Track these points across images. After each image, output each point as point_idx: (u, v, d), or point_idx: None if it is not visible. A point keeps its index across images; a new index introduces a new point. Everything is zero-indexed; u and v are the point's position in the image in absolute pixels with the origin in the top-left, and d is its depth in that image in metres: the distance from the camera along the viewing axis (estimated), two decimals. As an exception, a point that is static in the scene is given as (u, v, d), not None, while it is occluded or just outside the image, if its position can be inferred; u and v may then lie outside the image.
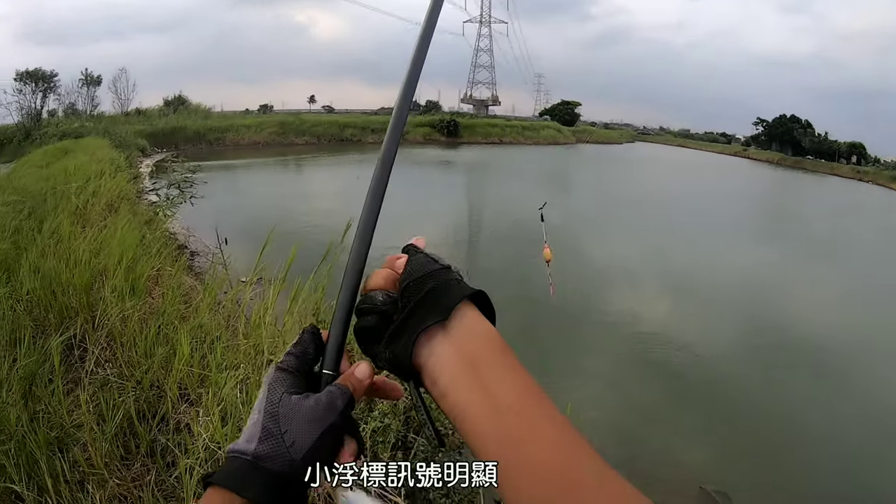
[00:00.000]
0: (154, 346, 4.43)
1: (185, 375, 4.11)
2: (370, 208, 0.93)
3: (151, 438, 3.64)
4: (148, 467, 3.48)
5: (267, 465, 0.73)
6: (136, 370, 4.19)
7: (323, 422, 0.76)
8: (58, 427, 3.45)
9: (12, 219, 8.05)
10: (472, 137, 62.68)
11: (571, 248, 17.27)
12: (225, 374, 3.88)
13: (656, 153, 69.80)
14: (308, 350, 0.83)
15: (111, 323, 4.84)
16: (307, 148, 46.66)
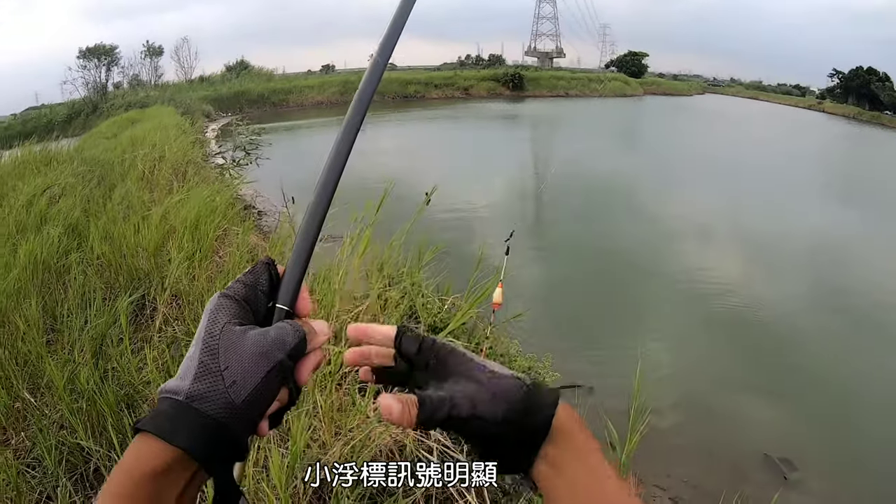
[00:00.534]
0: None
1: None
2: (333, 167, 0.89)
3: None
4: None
5: (201, 408, 0.64)
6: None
7: (270, 358, 0.67)
8: (127, 385, 3.43)
9: (82, 188, 8.22)
10: (536, 91, 61.71)
11: (640, 204, 16.87)
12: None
13: (727, 105, 67.25)
14: (260, 280, 0.75)
15: (178, 282, 4.84)
16: (371, 106, 46.67)
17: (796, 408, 7.04)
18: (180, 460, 0.62)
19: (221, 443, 0.64)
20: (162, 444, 0.61)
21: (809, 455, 6.09)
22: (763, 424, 6.60)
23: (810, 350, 8.45)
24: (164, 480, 0.61)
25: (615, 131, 37.32)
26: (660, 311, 9.88)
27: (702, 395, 7.16)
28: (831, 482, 5.79)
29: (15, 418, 3.33)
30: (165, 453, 0.61)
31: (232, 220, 7.19)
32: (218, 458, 0.64)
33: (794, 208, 17.55)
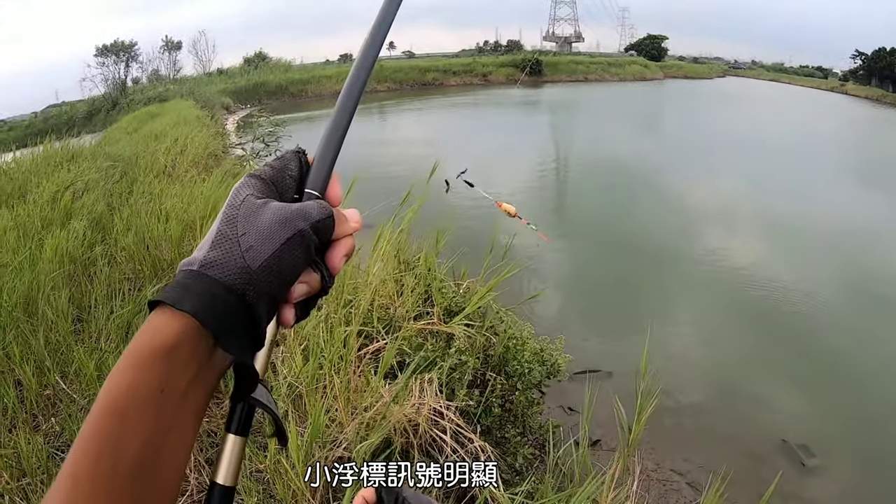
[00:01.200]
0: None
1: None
2: None
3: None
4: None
5: (214, 274, 0.60)
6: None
7: (290, 226, 0.63)
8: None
9: (105, 183, 8.37)
10: (555, 76, 61.28)
11: (661, 188, 16.78)
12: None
13: (748, 88, 66.07)
14: (289, 166, 0.72)
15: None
16: (389, 94, 46.54)
17: (817, 394, 6.98)
18: (191, 333, 0.58)
19: (234, 311, 0.59)
20: (171, 313, 0.57)
21: (829, 442, 6.05)
22: (782, 410, 6.57)
23: (834, 336, 8.34)
24: (176, 356, 0.57)
25: (635, 115, 36.96)
26: (681, 294, 9.85)
27: (722, 379, 7.15)
28: (851, 470, 5.75)
29: (45, 405, 3.45)
30: (175, 323, 0.57)
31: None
32: (232, 329, 0.59)
33: (819, 193, 17.25)
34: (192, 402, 0.59)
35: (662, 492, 5.10)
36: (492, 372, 4.24)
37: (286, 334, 3.98)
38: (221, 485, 0.62)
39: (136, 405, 0.55)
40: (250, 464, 2.90)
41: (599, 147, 23.33)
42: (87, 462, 0.53)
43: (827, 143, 27.88)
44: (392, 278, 4.57)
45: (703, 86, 65.52)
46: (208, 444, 3.28)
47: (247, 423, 0.66)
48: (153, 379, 0.56)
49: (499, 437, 4.06)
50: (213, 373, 0.61)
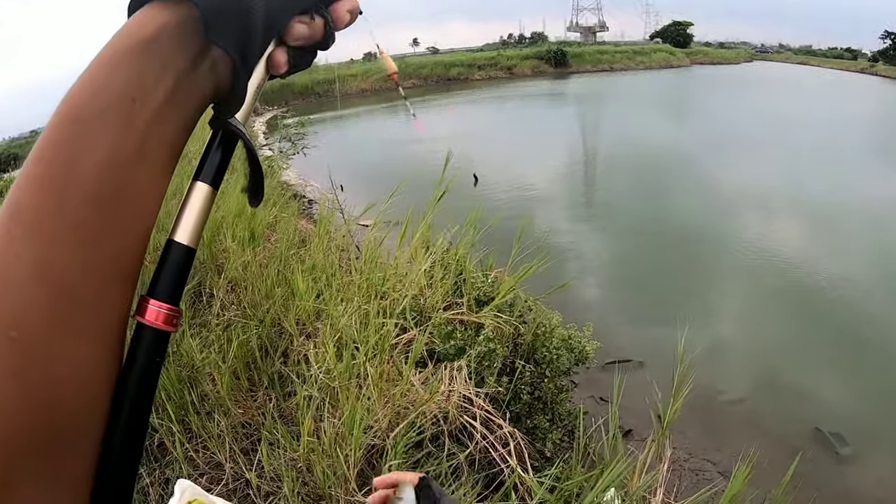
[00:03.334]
0: (273, 287, 4.58)
1: (302, 311, 4.24)
2: None
3: (273, 371, 3.79)
4: (270, 397, 3.63)
5: None
6: (259, 310, 4.35)
7: None
8: (188, 367, 3.64)
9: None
10: (580, 66, 61.05)
11: (692, 175, 16.62)
12: (340, 308, 3.96)
13: (777, 72, 64.86)
14: None
15: (233, 270, 5.05)
16: (415, 91, 46.55)
17: (852, 382, 6.89)
18: (175, 26, 0.51)
19: (231, 9, 0.52)
20: (155, 7, 0.51)
21: (863, 430, 5.99)
22: (817, 398, 6.50)
23: (873, 323, 8.17)
24: (153, 53, 0.50)
25: (663, 104, 36.62)
26: (716, 281, 9.77)
27: (758, 367, 7.08)
28: (886, 459, 5.68)
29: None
30: (158, 15, 0.50)
31: (282, 209, 7.41)
32: (224, 24, 0.52)
33: (855, 177, 16.89)
34: (166, 126, 0.52)
35: (694, 481, 5.09)
36: (521, 360, 4.28)
37: (318, 327, 4.06)
38: (181, 244, 0.56)
39: (102, 112, 0.48)
40: (284, 452, 2.98)
41: (629, 137, 23.17)
42: (39, 168, 0.47)
43: (860, 126, 27.33)
44: (422, 270, 4.63)
45: (731, 71, 64.62)
46: (243, 435, 3.37)
47: (220, 171, 0.59)
48: (123, 82, 0.49)
49: (528, 424, 4.10)
50: (194, 92, 0.53)
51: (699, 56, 75.70)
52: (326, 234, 6.01)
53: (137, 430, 0.52)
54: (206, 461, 3.19)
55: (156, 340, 0.53)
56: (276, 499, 2.88)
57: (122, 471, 0.52)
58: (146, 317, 0.52)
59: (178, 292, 0.55)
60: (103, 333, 0.49)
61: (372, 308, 3.84)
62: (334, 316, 3.87)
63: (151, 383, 0.53)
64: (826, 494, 5.01)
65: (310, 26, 0.59)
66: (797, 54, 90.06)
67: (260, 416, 3.45)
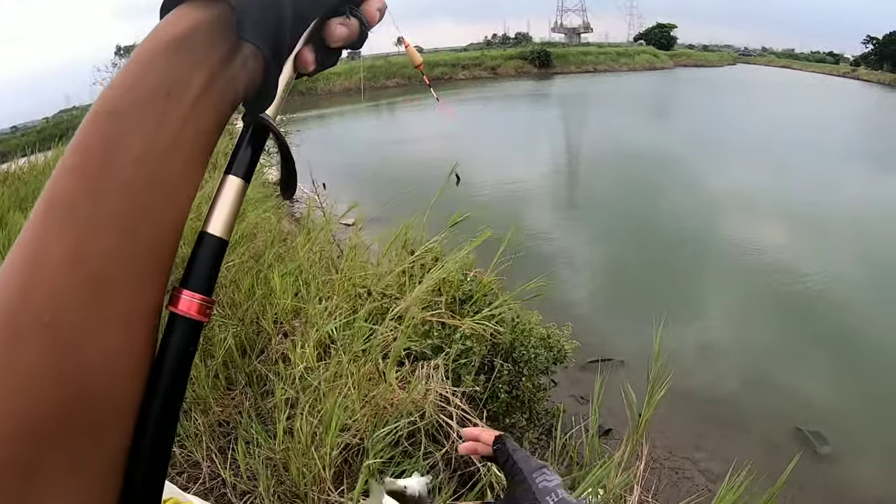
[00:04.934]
0: (253, 286, 4.57)
1: (281, 310, 4.23)
2: None
3: (251, 370, 3.79)
4: (248, 395, 3.63)
5: None
6: (238, 310, 4.35)
7: None
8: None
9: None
10: (564, 67, 61.25)
11: (675, 177, 16.73)
12: (320, 306, 3.97)
13: (760, 75, 65.56)
14: None
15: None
16: (398, 90, 46.45)
17: (833, 382, 7.01)
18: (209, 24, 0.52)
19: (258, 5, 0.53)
20: (189, 6, 0.52)
21: (842, 430, 6.09)
22: (796, 398, 6.59)
23: (851, 325, 8.31)
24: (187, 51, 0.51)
25: (646, 106, 36.84)
26: (697, 280, 9.87)
27: (739, 367, 7.16)
28: (863, 457, 5.80)
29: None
30: (192, 14, 0.52)
31: (265, 208, 7.38)
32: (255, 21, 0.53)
33: (836, 178, 17.11)
34: (200, 120, 0.53)
35: (674, 479, 5.15)
36: (499, 359, 4.30)
37: (296, 326, 4.06)
38: (214, 235, 0.57)
39: (137, 106, 0.49)
40: (260, 450, 2.98)
41: (612, 138, 23.29)
42: (76, 159, 0.48)
43: (842, 129, 27.58)
44: (401, 270, 4.64)
45: (714, 74, 65.05)
46: (221, 434, 3.37)
47: (252, 164, 0.60)
48: (157, 78, 0.50)
49: (506, 423, 4.12)
50: (227, 88, 0.55)
51: (682, 58, 76.14)
52: (307, 233, 6.00)
53: (169, 420, 0.53)
54: (184, 460, 3.19)
55: (189, 330, 0.53)
56: (253, 497, 2.88)
57: (154, 461, 0.53)
58: (179, 307, 0.53)
59: (211, 283, 0.56)
60: (136, 322, 0.50)
61: (352, 306, 3.85)
62: (312, 314, 3.87)
63: (184, 373, 0.54)
64: (806, 494, 5.07)
65: (348, 27, 0.60)
66: (780, 57, 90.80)
67: (237, 414, 3.45)
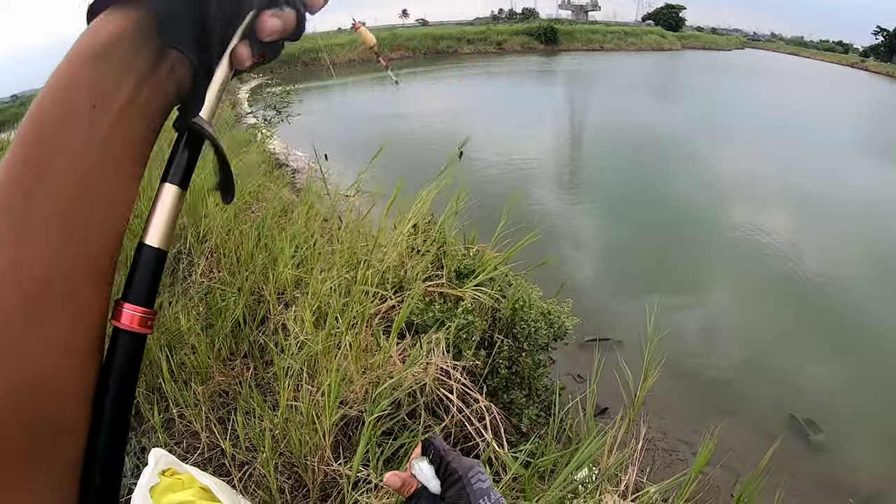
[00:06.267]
0: (254, 255, 4.54)
1: (283, 279, 4.21)
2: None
3: (252, 340, 3.77)
4: (248, 365, 3.61)
5: None
6: (238, 278, 4.32)
7: None
8: (167, 334, 3.61)
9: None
10: (571, 45, 60.55)
11: (680, 160, 16.62)
12: (320, 277, 3.93)
13: (768, 61, 64.94)
14: None
15: (215, 236, 4.99)
16: (403, 63, 46.02)
17: (828, 370, 6.97)
18: (131, 31, 0.51)
19: (180, 9, 0.53)
20: (111, 13, 0.51)
21: (837, 419, 6.08)
22: (792, 384, 6.59)
23: (851, 315, 8.27)
24: (111, 60, 0.50)
25: (653, 86, 36.53)
26: (698, 264, 9.82)
27: (735, 350, 7.15)
28: (856, 446, 5.79)
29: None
30: (113, 21, 0.51)
31: (266, 177, 7.34)
32: (177, 26, 0.53)
33: (842, 171, 16.97)
34: (129, 129, 0.53)
35: (668, 461, 5.15)
36: (499, 334, 4.28)
37: (297, 296, 4.04)
38: (152, 247, 0.56)
39: (65, 118, 0.49)
40: (261, 423, 2.97)
41: (618, 118, 23.10)
42: (16, 157, 0.48)
43: (851, 120, 27.39)
44: (404, 240, 4.60)
45: (722, 58, 64.34)
46: (220, 404, 3.36)
47: (188, 171, 0.59)
48: (83, 90, 0.49)
49: (505, 399, 4.11)
50: (155, 95, 0.54)
51: (690, 40, 75.33)
52: (309, 203, 5.95)
53: (120, 428, 0.54)
54: (183, 430, 3.17)
55: (132, 343, 0.53)
56: (251, 468, 2.87)
57: (108, 466, 0.53)
58: (122, 321, 0.53)
59: (151, 295, 0.56)
60: (81, 328, 0.50)
61: (358, 275, 3.81)
62: (314, 284, 3.84)
63: (130, 385, 0.54)
64: (798, 480, 5.08)
65: (282, 18, 0.58)
66: (788, 44, 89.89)
67: (237, 384, 3.43)
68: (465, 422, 3.38)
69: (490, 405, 3.50)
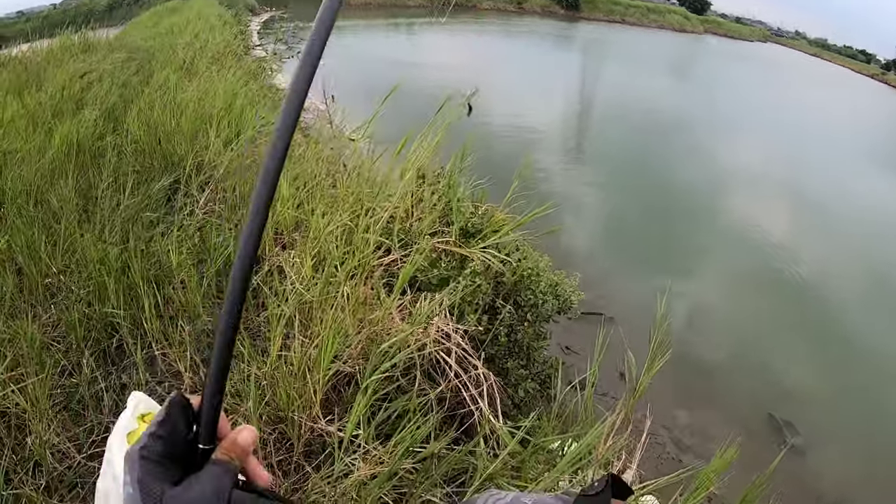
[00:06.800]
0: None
1: (282, 219, 4.01)
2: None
3: (243, 281, 3.57)
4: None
5: None
6: (235, 214, 4.13)
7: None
8: (156, 266, 3.43)
9: (121, 74, 8.12)
10: (592, 13, 59.46)
11: (690, 146, 16.41)
12: (323, 220, 3.73)
13: (789, 59, 64.16)
14: (178, 428, 0.68)
15: (214, 169, 4.80)
16: (419, 11, 45.13)
17: (815, 375, 7.05)
18: None
19: None
20: None
21: (816, 423, 6.14)
22: (779, 385, 6.64)
23: (843, 322, 8.39)
24: None
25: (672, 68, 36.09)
26: (697, 252, 9.79)
27: (725, 345, 7.17)
28: (829, 453, 5.84)
29: (44, 295, 3.33)
30: None
31: (270, 112, 7.09)
32: None
33: (852, 180, 16.89)
34: None
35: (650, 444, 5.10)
36: (500, 300, 4.10)
37: (295, 238, 3.85)
38: None
39: None
40: (248, 367, 2.79)
41: (632, 94, 22.80)
42: None
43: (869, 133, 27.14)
44: (411, 191, 4.39)
45: (745, 49, 63.28)
46: (207, 345, 3.18)
47: None
48: None
49: (500, 366, 3.96)
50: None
51: (713, 26, 73.70)
52: (314, 144, 5.73)
53: None
54: (165, 369, 3.00)
55: None
56: (236, 416, 2.71)
57: None
58: None
59: None
60: None
61: (361, 223, 3.62)
62: (315, 227, 3.64)
63: None
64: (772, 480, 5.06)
65: None
66: (811, 45, 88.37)
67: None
68: (461, 387, 3.22)
69: (489, 373, 3.34)
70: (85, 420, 2.66)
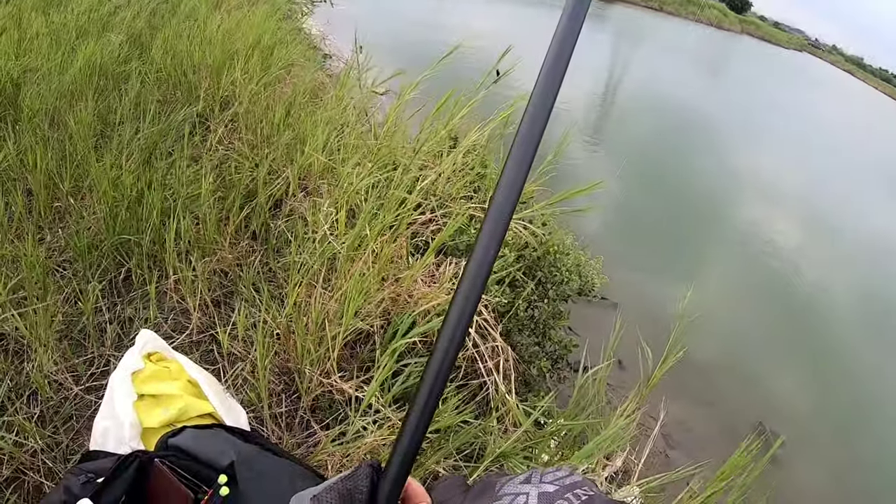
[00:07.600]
0: (279, 131, 4.19)
1: (309, 164, 3.85)
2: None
3: (262, 222, 3.44)
4: (254, 248, 3.31)
5: None
6: (258, 153, 3.97)
7: None
8: (173, 197, 3.29)
9: (149, 1, 7.91)
10: (630, -3, 58.54)
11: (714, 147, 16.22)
12: (354, 170, 3.57)
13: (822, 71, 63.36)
14: (359, 486, 0.63)
15: (239, 104, 4.64)
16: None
17: (811, 387, 7.01)
18: None
19: None
20: None
21: (804, 436, 6.08)
22: (774, 394, 6.59)
23: (844, 339, 8.33)
24: None
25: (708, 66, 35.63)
26: (706, 252, 9.75)
27: (725, 347, 7.10)
28: (813, 467, 5.79)
29: (53, 218, 3.20)
30: None
31: (299, 54, 6.91)
32: None
33: (874, 204, 16.75)
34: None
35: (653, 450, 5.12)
36: (522, 274, 3.96)
37: (321, 186, 3.69)
38: None
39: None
40: (259, 313, 2.66)
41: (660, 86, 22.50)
42: None
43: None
44: (444, 152, 4.24)
45: (780, 56, 62.48)
46: (218, 285, 3.05)
47: None
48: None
49: (515, 341, 3.84)
50: None
51: (751, 27, 72.66)
52: (345, 89, 5.54)
53: None
54: (175, 305, 2.87)
55: None
56: (244, 364, 2.58)
57: None
58: None
59: None
60: None
61: (395, 179, 3.46)
62: (346, 177, 3.48)
63: None
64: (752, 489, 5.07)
65: None
66: (846, 62, 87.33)
67: (239, 267, 3.12)
68: (477, 357, 3.10)
69: (506, 346, 3.23)
70: (86, 351, 2.54)
